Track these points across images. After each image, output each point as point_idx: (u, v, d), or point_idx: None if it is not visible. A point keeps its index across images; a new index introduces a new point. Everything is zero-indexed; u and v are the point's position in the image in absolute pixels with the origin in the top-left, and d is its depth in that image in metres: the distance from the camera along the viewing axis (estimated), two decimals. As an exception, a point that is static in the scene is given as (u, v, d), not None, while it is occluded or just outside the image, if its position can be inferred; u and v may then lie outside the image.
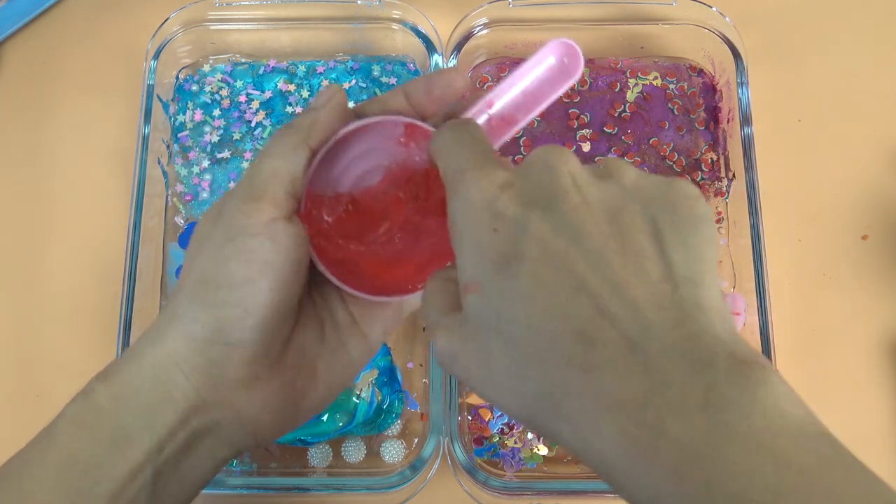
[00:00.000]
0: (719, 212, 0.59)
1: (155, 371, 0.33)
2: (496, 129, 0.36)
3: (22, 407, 0.57)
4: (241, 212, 0.33)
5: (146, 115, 0.58)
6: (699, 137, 0.60)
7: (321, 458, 0.54)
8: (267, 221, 0.33)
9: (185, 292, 0.34)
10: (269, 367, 0.34)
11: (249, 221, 0.33)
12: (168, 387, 0.33)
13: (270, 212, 0.33)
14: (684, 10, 0.61)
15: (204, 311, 0.33)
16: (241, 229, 0.33)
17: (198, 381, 0.33)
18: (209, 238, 0.34)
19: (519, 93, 0.35)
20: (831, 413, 0.55)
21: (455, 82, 0.36)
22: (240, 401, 0.34)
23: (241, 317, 0.33)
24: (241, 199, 0.33)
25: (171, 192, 0.60)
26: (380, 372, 0.54)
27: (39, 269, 0.60)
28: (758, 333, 0.53)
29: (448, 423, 0.51)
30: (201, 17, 0.61)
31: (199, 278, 0.33)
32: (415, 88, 0.36)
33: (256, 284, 0.32)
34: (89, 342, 0.57)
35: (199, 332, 0.33)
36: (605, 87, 0.61)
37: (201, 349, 0.33)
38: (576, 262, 0.27)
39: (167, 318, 0.34)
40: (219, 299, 0.33)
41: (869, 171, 0.61)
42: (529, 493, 0.51)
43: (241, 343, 0.33)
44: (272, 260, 0.33)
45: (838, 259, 0.59)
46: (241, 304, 0.32)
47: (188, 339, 0.33)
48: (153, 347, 0.33)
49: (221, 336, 0.33)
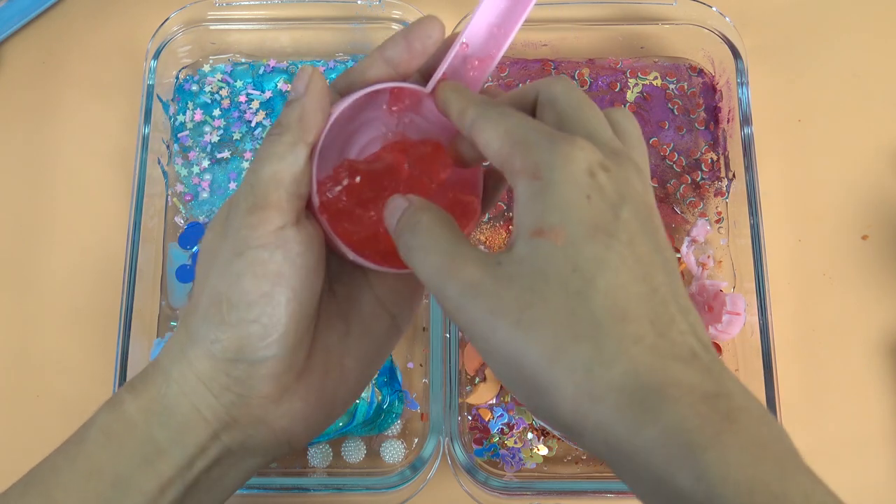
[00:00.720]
0: (719, 212, 0.59)
1: (184, 389, 0.33)
2: (474, 70, 0.36)
3: (22, 407, 0.57)
4: (247, 224, 0.32)
5: (146, 115, 0.58)
6: (699, 137, 0.60)
7: (321, 458, 0.54)
8: (274, 230, 0.32)
9: (201, 313, 0.33)
10: (296, 377, 0.34)
11: (256, 233, 0.32)
12: (198, 405, 0.33)
13: (277, 220, 0.32)
14: (684, 10, 0.61)
15: (223, 332, 0.32)
16: (249, 242, 0.32)
17: (227, 400, 0.33)
18: (217, 255, 0.33)
19: (486, 28, 0.36)
20: (831, 413, 0.56)
21: (433, 32, 0.35)
22: (271, 415, 0.33)
23: (262, 334, 0.32)
24: (245, 210, 0.32)
25: (171, 192, 0.60)
26: (380, 372, 0.54)
27: (40, 268, 0.60)
28: (758, 333, 0.53)
29: (448, 423, 0.51)
30: (201, 17, 0.61)
31: (213, 297, 0.32)
32: (393, 48, 0.35)
33: (272, 298, 0.32)
34: (89, 342, 0.57)
35: (220, 353, 0.32)
36: (605, 87, 0.61)
37: (226, 369, 0.32)
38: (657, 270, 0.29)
39: (188, 340, 0.33)
40: (235, 318, 0.32)
41: (869, 171, 0.61)
42: (529, 493, 0.51)
43: (265, 360, 0.32)
44: (285, 271, 0.32)
45: (838, 259, 0.59)
46: (259, 320, 0.32)
47: (212, 360, 0.32)
48: (179, 366, 0.33)
49: (244, 355, 0.32)
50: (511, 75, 0.61)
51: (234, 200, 0.33)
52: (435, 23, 0.35)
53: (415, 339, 0.56)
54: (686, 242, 0.57)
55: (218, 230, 0.33)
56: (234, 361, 0.32)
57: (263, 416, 0.33)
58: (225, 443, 0.33)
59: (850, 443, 0.55)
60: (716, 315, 0.54)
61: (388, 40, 0.35)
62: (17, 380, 0.57)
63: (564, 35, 0.62)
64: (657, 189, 0.59)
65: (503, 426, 0.54)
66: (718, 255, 0.58)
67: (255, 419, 0.33)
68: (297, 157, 0.33)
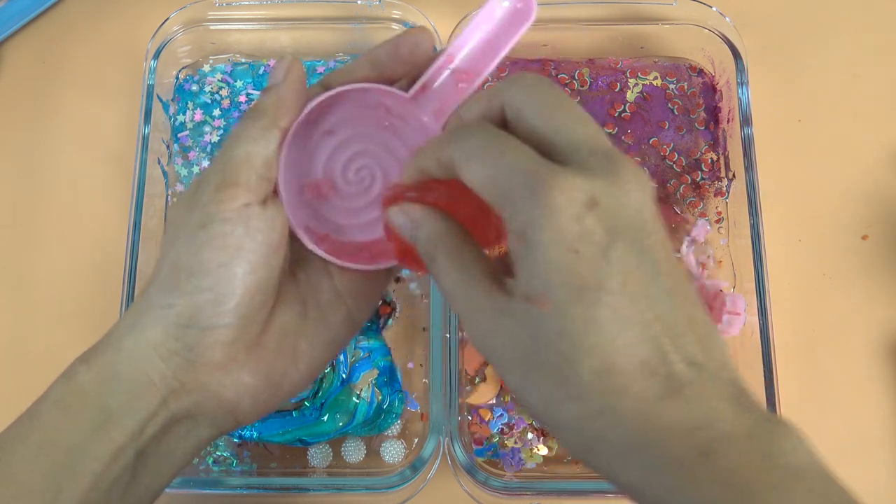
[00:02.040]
0: (719, 212, 0.59)
1: (134, 356, 0.34)
2: (461, 82, 0.36)
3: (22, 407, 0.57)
4: (214, 200, 0.33)
5: (146, 115, 0.58)
6: (699, 137, 0.60)
7: (321, 458, 0.54)
8: (239, 207, 0.33)
9: (160, 281, 0.34)
10: (246, 350, 0.35)
11: (222, 207, 0.33)
12: (147, 371, 0.34)
13: (243, 197, 0.33)
14: (684, 10, 0.61)
15: (178, 298, 0.33)
16: (214, 216, 0.33)
17: (175, 366, 0.34)
18: (183, 226, 0.34)
19: (477, 43, 0.35)
20: (831, 413, 0.56)
21: (422, 42, 0.36)
22: (218, 384, 0.34)
23: (215, 301, 0.33)
24: (214, 186, 0.33)
25: (171, 192, 0.60)
26: (380, 372, 0.54)
27: (39, 268, 0.60)
28: (758, 333, 0.53)
29: (448, 423, 0.51)
30: (201, 17, 0.61)
31: (172, 266, 0.34)
32: (381, 53, 0.36)
33: (229, 269, 0.33)
34: (89, 342, 0.57)
35: (173, 319, 0.33)
36: (605, 87, 0.61)
37: (177, 334, 0.33)
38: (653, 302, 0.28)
39: (144, 307, 0.34)
40: (192, 286, 0.33)
41: (869, 171, 0.61)
42: (529, 493, 0.51)
43: (216, 327, 0.33)
44: (246, 245, 0.33)
45: (838, 259, 0.59)
46: (214, 289, 0.33)
47: (164, 326, 0.33)
48: (131, 333, 0.34)
49: (195, 321, 0.33)
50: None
51: (204, 178, 0.34)
52: (424, 33, 0.36)
53: (415, 339, 0.56)
54: (686, 242, 0.57)
55: (185, 206, 0.34)
56: (186, 328, 0.33)
57: (209, 384, 0.34)
58: (172, 410, 0.34)
59: (850, 443, 0.55)
60: (716, 315, 0.54)
61: (378, 45, 0.36)
62: (17, 380, 0.57)
63: (564, 35, 0.62)
64: (657, 189, 0.59)
65: (503, 426, 0.54)
66: (718, 255, 0.58)
67: (201, 385, 0.34)
68: (269, 140, 0.34)
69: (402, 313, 0.57)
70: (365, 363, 0.54)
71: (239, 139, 0.34)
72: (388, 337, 0.56)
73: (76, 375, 0.35)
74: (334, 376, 0.53)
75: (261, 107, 0.35)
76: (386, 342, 0.56)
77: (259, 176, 0.34)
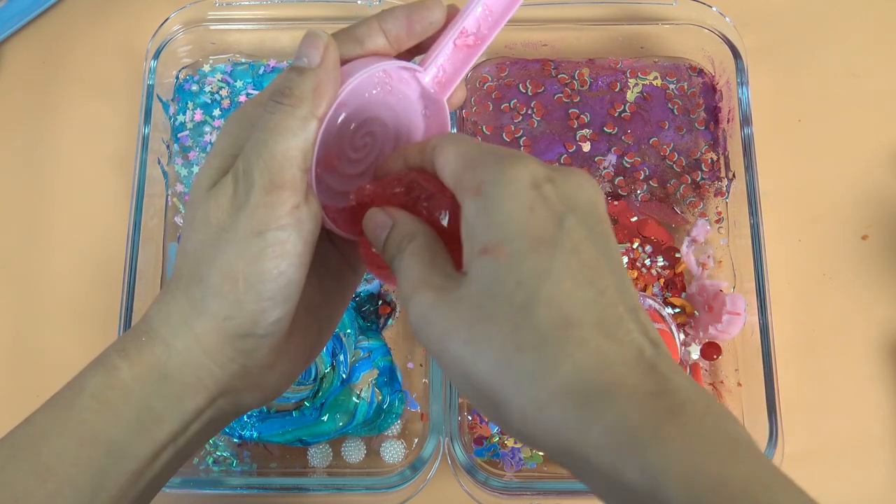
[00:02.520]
0: (719, 212, 0.59)
1: (187, 361, 0.33)
2: (470, 47, 0.37)
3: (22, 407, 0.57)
4: (266, 203, 0.32)
5: (146, 114, 0.58)
6: (699, 137, 0.60)
7: (321, 458, 0.54)
8: (290, 210, 0.32)
9: (213, 289, 0.33)
10: (287, 341, 0.35)
11: (276, 213, 0.32)
12: (199, 374, 0.34)
13: (292, 199, 0.32)
14: (684, 10, 0.61)
15: (238, 310, 0.33)
16: (269, 223, 0.32)
17: (230, 370, 0.34)
18: (230, 230, 0.32)
19: (482, 9, 0.37)
20: (831, 413, 0.56)
21: (437, 20, 0.36)
22: (264, 378, 0.35)
23: (273, 308, 0.33)
24: (262, 188, 0.32)
25: (171, 192, 0.60)
26: (380, 372, 0.54)
27: (40, 269, 0.60)
28: (758, 333, 0.53)
29: (448, 423, 0.51)
30: (201, 17, 0.61)
31: (226, 275, 0.32)
32: (394, 23, 0.35)
33: (288, 277, 0.33)
34: (89, 342, 0.57)
35: (232, 329, 0.33)
36: (605, 87, 0.61)
37: (234, 343, 0.33)
38: (603, 273, 0.29)
39: (193, 312, 0.33)
40: (252, 296, 0.32)
41: (869, 171, 0.61)
42: (529, 493, 0.51)
43: (274, 333, 0.34)
44: (300, 250, 0.33)
45: (838, 259, 0.59)
46: (274, 297, 0.33)
47: (221, 336, 0.33)
48: (184, 339, 0.33)
49: (255, 329, 0.33)
50: (511, 75, 0.61)
51: (246, 173, 0.32)
52: (438, 10, 0.36)
53: (415, 339, 0.56)
54: (686, 242, 0.57)
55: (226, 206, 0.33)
56: (245, 336, 0.33)
57: (260, 382, 0.35)
58: (220, 406, 0.35)
59: (850, 443, 0.55)
60: (716, 315, 0.54)
61: (389, 13, 0.35)
62: (17, 380, 0.57)
63: (564, 35, 0.62)
64: (657, 189, 0.59)
65: (503, 426, 0.54)
66: (718, 255, 0.58)
67: (252, 384, 0.35)
68: (308, 132, 0.33)
69: (402, 313, 0.57)
70: (365, 363, 0.54)
71: (278, 131, 0.32)
72: (388, 337, 0.56)
73: (117, 371, 0.33)
74: (334, 376, 0.53)
75: (298, 93, 0.32)
76: (386, 342, 0.56)
77: (302, 171, 0.32)
